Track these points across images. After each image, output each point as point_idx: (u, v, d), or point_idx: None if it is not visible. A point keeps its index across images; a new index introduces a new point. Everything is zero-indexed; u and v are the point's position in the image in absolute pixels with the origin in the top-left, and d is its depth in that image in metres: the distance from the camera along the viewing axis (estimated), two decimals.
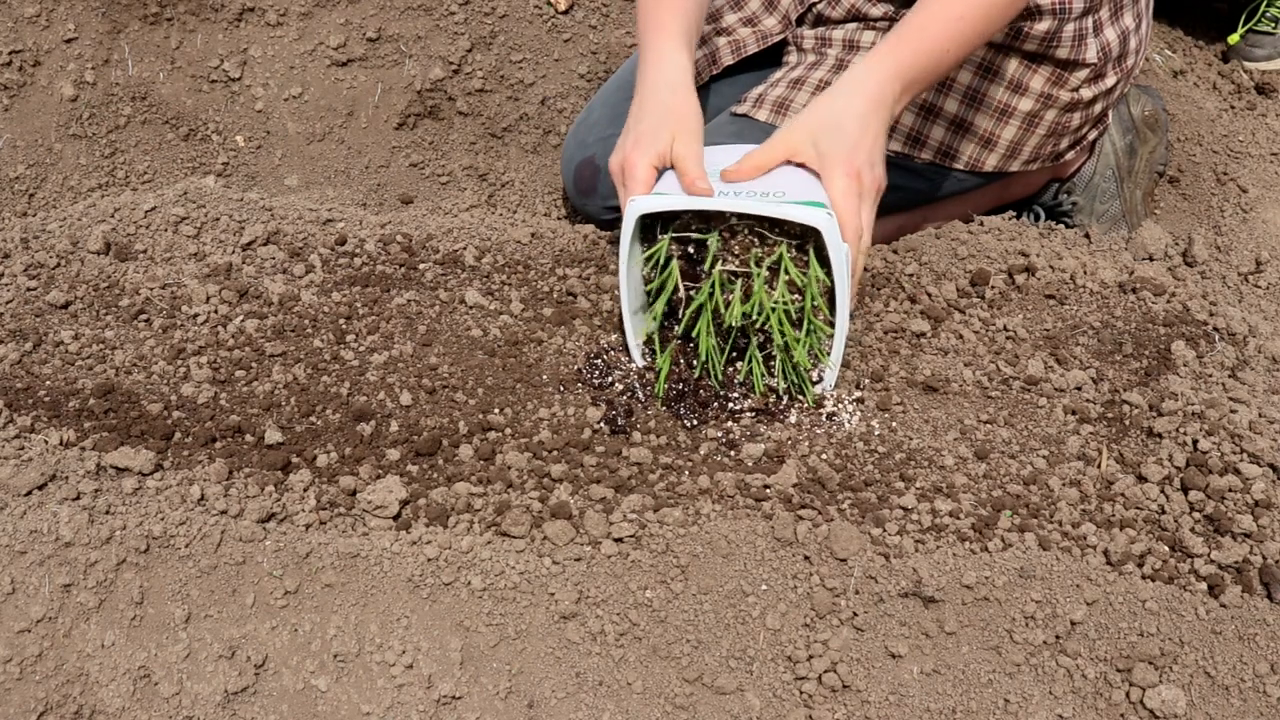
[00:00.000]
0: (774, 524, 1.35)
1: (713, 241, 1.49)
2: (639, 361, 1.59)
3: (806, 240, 1.49)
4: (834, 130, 1.50)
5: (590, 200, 2.00)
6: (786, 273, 1.48)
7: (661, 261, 1.53)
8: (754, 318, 1.48)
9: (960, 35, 1.56)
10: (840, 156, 1.49)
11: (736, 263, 1.49)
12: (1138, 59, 1.89)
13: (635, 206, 1.50)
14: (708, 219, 1.51)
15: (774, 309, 1.47)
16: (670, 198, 1.50)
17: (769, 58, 1.96)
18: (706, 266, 1.49)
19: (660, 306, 1.54)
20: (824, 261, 1.48)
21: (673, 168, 1.54)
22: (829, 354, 1.53)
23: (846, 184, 1.48)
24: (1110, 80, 1.84)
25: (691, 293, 1.52)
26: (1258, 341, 1.70)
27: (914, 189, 1.91)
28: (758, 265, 1.48)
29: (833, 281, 1.47)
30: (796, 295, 1.49)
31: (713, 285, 1.49)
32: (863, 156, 1.50)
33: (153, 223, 1.76)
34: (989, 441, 1.52)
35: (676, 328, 1.57)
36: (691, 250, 1.52)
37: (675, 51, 1.65)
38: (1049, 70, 1.79)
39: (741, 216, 1.49)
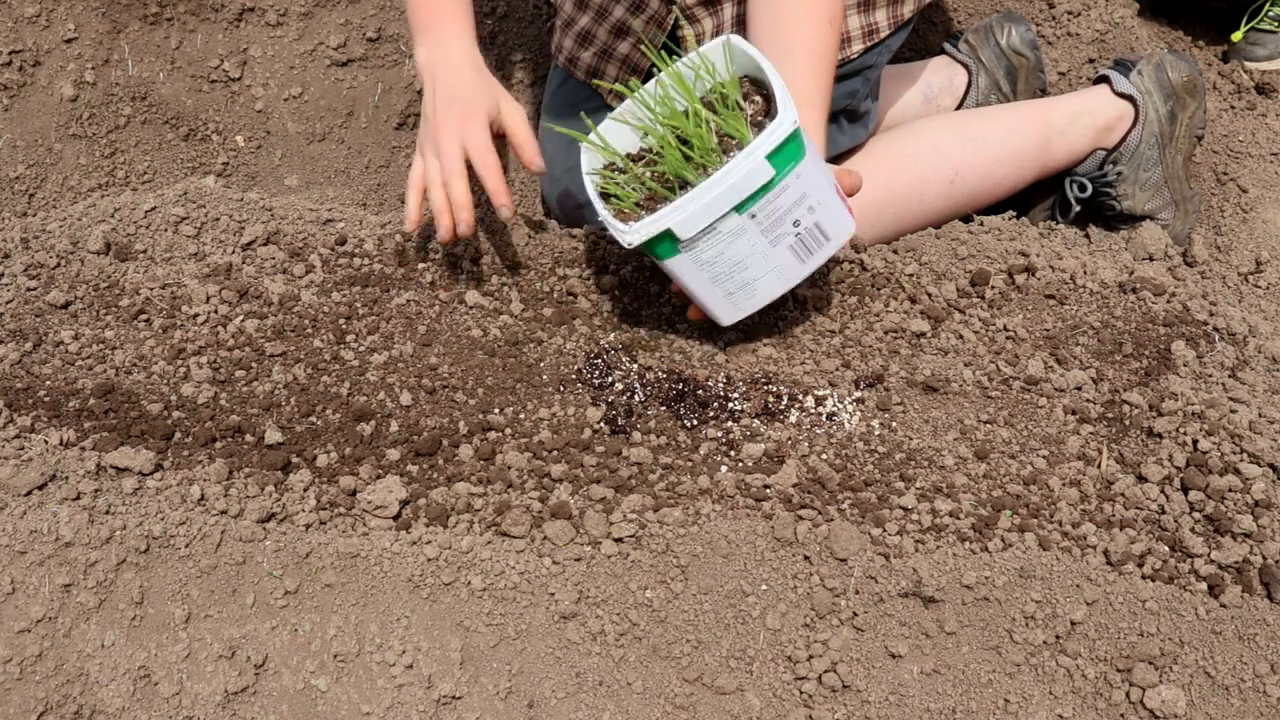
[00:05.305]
0: (774, 524, 1.35)
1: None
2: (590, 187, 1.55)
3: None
4: None
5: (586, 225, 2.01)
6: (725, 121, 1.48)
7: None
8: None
9: (831, 41, 1.72)
10: None
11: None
12: None
13: (629, 239, 1.46)
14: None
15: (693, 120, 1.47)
16: (662, 214, 1.45)
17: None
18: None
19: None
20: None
21: (503, 136, 1.66)
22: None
23: None
24: None
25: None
26: (1258, 341, 1.70)
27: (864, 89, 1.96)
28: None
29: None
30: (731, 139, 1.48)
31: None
32: None
33: (153, 223, 1.76)
34: (989, 441, 1.52)
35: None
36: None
37: (472, 44, 1.75)
38: None
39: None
